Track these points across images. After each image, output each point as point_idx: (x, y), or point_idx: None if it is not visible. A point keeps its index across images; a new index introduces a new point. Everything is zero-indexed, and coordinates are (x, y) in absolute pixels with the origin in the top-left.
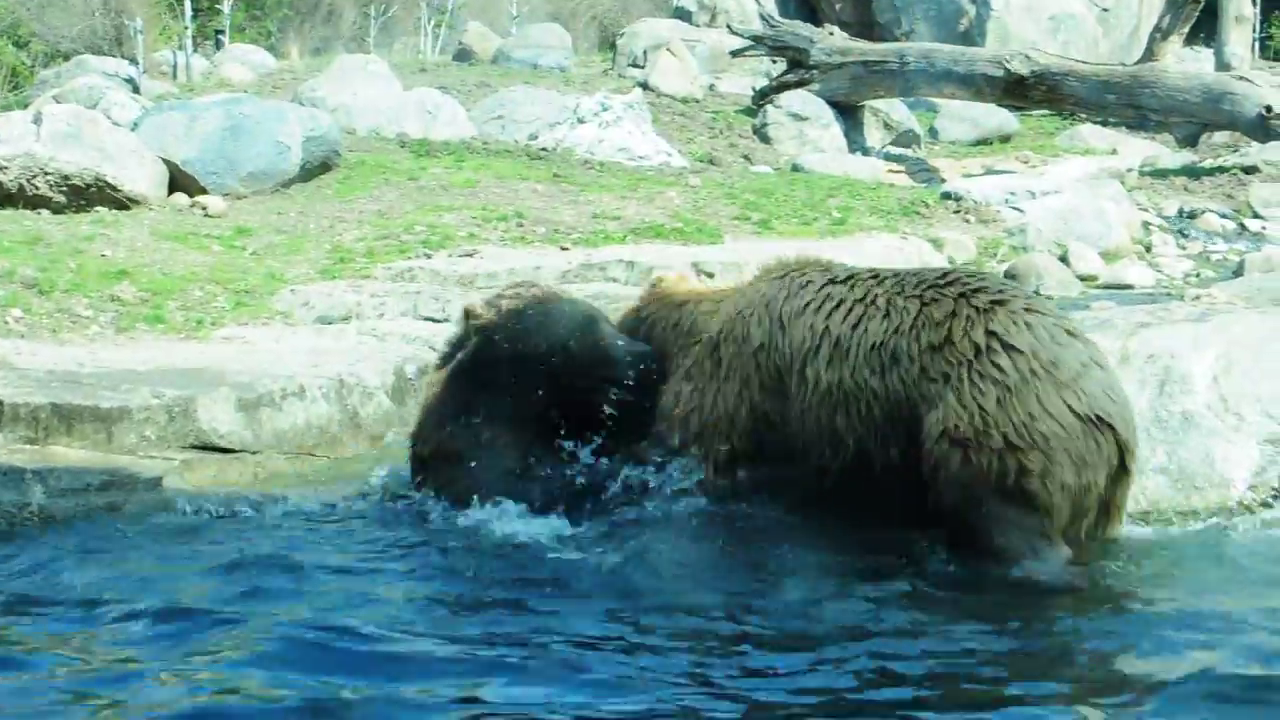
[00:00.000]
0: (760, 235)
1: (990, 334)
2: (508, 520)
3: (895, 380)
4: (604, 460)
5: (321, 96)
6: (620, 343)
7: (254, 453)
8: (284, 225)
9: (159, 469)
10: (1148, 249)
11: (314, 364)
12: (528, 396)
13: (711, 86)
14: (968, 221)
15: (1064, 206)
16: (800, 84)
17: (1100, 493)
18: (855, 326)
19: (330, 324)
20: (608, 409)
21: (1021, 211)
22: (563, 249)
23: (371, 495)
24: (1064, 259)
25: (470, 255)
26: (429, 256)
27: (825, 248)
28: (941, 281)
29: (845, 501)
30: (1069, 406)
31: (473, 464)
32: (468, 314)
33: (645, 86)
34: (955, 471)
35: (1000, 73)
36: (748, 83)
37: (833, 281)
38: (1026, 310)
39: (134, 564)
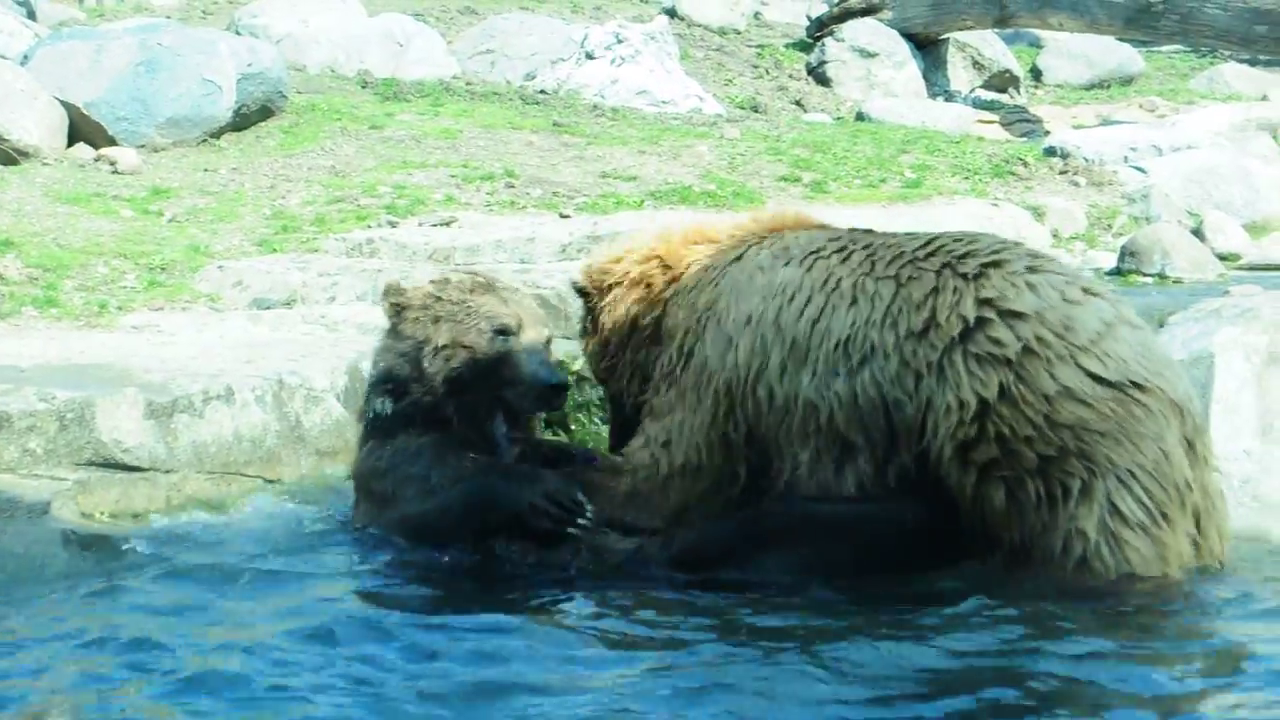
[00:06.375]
0: (812, 200)
1: (983, 302)
2: None
3: (867, 381)
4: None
5: (263, 24)
6: (536, 367)
7: (167, 471)
8: (212, 185)
9: (46, 491)
10: None
11: (246, 360)
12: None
13: (757, 15)
14: (1076, 184)
15: (1199, 166)
16: (868, 11)
17: (1186, 476)
18: (815, 322)
19: (268, 309)
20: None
21: (1145, 172)
22: (563, 216)
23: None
24: (1198, 232)
25: (447, 224)
26: (394, 225)
27: (895, 217)
28: (922, 253)
29: None
30: (1092, 375)
31: (391, 484)
32: (388, 292)
33: (672, 14)
34: (998, 510)
35: None
36: (801, 9)
37: (787, 264)
38: (1030, 270)
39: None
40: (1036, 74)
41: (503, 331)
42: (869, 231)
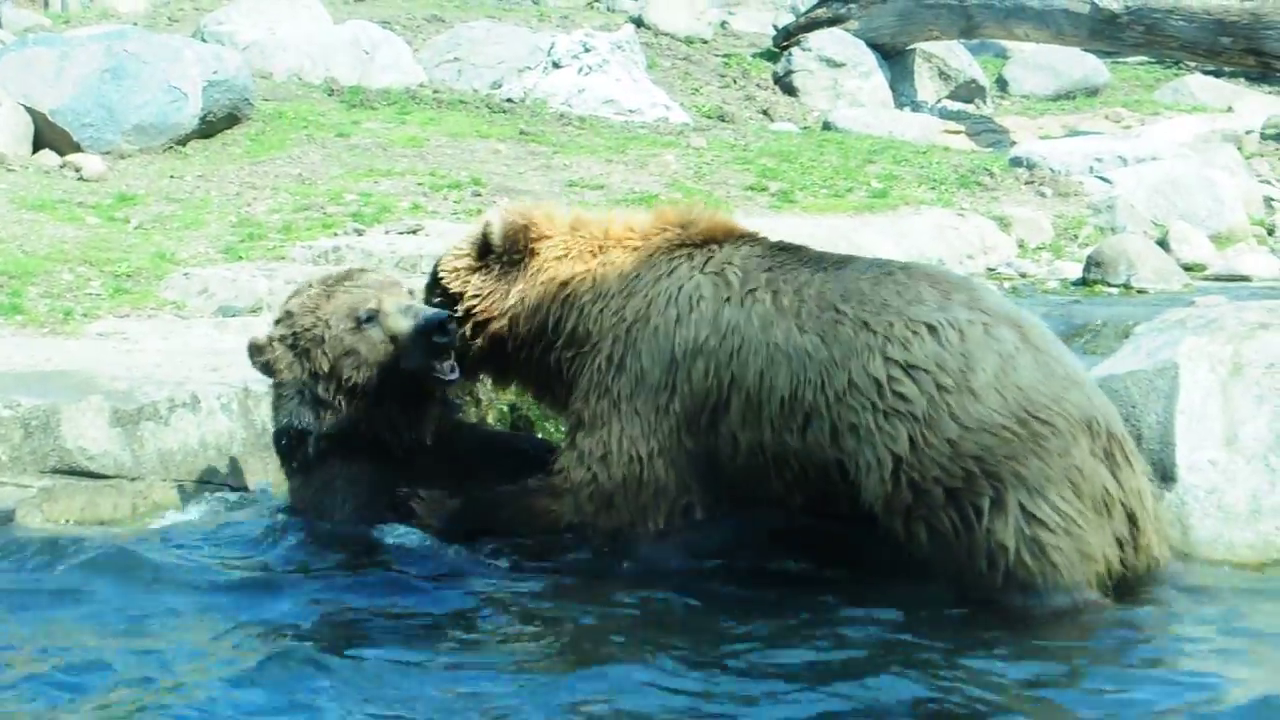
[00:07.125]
0: (779, 210)
1: (889, 360)
2: None
3: (812, 442)
4: None
5: (230, 31)
6: (411, 320)
7: (133, 479)
8: (178, 192)
9: (10, 499)
10: (1270, 232)
11: (212, 367)
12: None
13: (723, 24)
14: (1042, 195)
15: (1164, 177)
16: (835, 21)
17: (1105, 484)
18: (761, 376)
19: (234, 317)
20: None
21: (1110, 183)
22: None
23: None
24: (1163, 243)
25: (413, 232)
26: (360, 233)
27: (861, 227)
28: (842, 303)
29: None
30: (994, 410)
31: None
32: (253, 352)
33: (639, 23)
34: (926, 547)
35: (1086, 8)
36: (769, 19)
37: (728, 299)
38: (935, 309)
39: None
40: (1002, 85)
41: (369, 318)
42: (797, 251)
